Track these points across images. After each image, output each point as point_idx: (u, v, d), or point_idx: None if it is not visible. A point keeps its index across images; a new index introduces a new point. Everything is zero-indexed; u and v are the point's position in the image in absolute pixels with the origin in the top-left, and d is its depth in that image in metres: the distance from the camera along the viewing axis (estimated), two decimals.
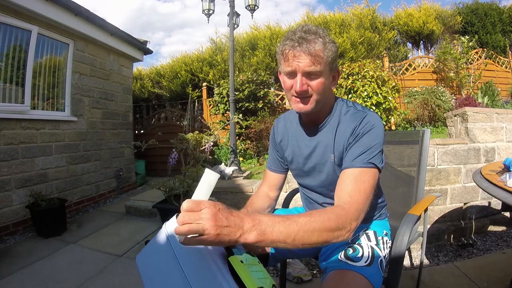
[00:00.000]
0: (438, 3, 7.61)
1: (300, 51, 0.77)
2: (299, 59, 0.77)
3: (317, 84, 0.80)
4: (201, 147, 2.72)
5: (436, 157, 2.09)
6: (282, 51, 0.80)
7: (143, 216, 2.98)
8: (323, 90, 0.82)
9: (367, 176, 0.77)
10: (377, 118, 0.84)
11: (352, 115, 0.86)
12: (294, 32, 0.79)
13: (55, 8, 3.03)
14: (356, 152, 0.80)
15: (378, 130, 0.82)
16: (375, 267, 0.79)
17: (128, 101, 4.54)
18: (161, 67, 8.31)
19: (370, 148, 0.80)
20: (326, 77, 0.81)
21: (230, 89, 3.32)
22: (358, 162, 0.78)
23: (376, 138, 0.81)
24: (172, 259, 0.65)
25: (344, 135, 0.85)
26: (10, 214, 2.65)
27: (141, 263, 0.74)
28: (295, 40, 0.77)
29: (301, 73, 0.78)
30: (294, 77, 0.80)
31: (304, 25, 0.82)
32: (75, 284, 1.76)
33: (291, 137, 1.00)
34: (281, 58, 0.82)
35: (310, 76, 0.79)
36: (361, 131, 0.82)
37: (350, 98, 3.82)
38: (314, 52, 0.76)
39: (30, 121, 2.89)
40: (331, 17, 7.16)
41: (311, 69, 0.78)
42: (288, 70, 0.80)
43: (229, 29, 3.38)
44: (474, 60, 5.96)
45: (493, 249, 1.97)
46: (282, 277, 1.28)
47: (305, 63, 0.77)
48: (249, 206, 0.96)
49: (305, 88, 0.80)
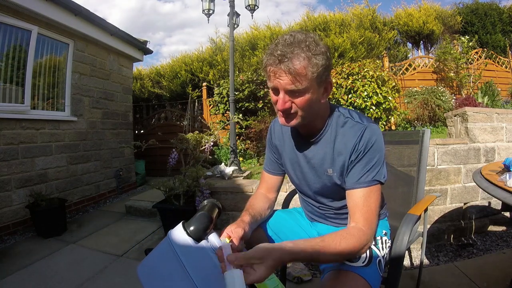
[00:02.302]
0: (438, 3, 7.62)
1: (279, 69, 0.72)
2: (280, 77, 0.73)
3: (301, 101, 0.76)
4: (201, 147, 2.72)
5: (436, 157, 2.09)
6: (265, 67, 0.77)
7: (143, 216, 2.98)
8: (308, 106, 0.78)
9: (374, 193, 0.80)
10: (376, 130, 0.83)
11: (351, 129, 0.83)
12: (276, 46, 0.74)
13: (55, 8, 3.03)
14: (360, 172, 0.80)
15: (379, 144, 0.82)
16: (373, 267, 0.79)
17: (128, 101, 4.54)
18: (161, 67, 8.31)
19: (374, 165, 0.80)
20: (314, 92, 0.76)
21: (230, 89, 3.32)
22: (364, 182, 0.80)
23: (378, 152, 0.81)
24: (179, 267, 0.64)
25: (344, 150, 0.83)
26: (10, 214, 2.64)
27: (143, 273, 0.72)
28: (276, 57, 0.72)
29: (283, 91, 0.75)
30: (277, 94, 0.78)
31: (290, 34, 0.75)
32: (75, 284, 1.76)
33: (287, 145, 0.98)
34: (265, 72, 0.79)
35: (293, 94, 0.76)
36: (362, 148, 0.80)
37: (350, 98, 3.82)
38: (294, 71, 0.71)
39: (30, 121, 2.89)
40: (331, 17, 7.16)
41: (292, 88, 0.74)
42: (271, 86, 0.78)
43: (229, 29, 3.38)
44: (474, 60, 5.95)
45: (493, 249, 1.97)
46: (282, 277, 1.29)
47: (286, 82, 0.73)
48: (250, 209, 0.95)
49: (288, 106, 0.77)
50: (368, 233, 0.77)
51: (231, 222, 0.83)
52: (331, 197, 0.94)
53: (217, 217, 0.77)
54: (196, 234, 0.67)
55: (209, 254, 0.62)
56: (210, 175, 2.88)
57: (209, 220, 0.70)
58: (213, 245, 0.63)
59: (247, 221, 0.84)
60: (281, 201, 1.30)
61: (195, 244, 0.65)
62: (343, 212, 0.94)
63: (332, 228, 0.99)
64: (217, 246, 0.62)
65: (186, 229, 0.68)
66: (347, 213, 0.93)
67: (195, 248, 0.65)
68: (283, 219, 1.06)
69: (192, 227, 0.68)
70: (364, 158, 0.80)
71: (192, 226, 0.68)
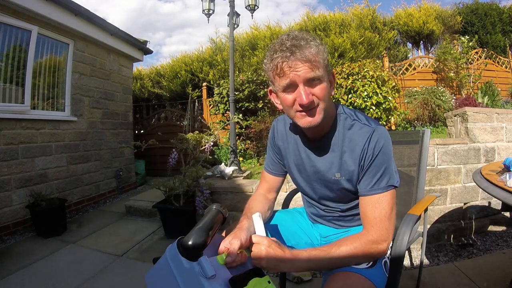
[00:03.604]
0: (438, 3, 7.62)
1: (295, 60, 0.71)
2: (297, 68, 0.71)
3: (321, 90, 0.75)
4: (201, 147, 2.72)
5: (436, 157, 2.09)
6: (275, 66, 0.74)
7: (143, 216, 2.98)
8: (328, 96, 0.77)
9: (388, 198, 0.79)
10: (384, 133, 0.80)
11: (359, 131, 0.81)
12: (281, 43, 0.73)
13: (55, 8, 3.03)
14: (373, 178, 0.79)
15: (388, 147, 0.80)
16: (378, 268, 0.78)
17: (128, 101, 4.55)
18: (161, 67, 8.31)
19: (386, 170, 0.79)
20: (327, 81, 0.77)
21: (230, 89, 3.32)
22: (378, 188, 0.79)
23: (388, 155, 0.80)
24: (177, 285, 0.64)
25: (353, 155, 0.82)
26: (10, 214, 2.64)
27: (150, 281, 0.71)
28: (287, 50, 0.71)
29: (303, 82, 0.73)
30: (293, 91, 0.75)
31: (289, 32, 0.76)
32: (75, 284, 1.76)
33: (292, 147, 0.95)
34: (273, 74, 0.76)
35: (312, 84, 0.74)
36: (371, 152, 0.79)
37: (350, 98, 3.82)
38: (312, 57, 0.71)
39: (30, 121, 2.89)
40: (331, 17, 7.16)
41: (312, 75, 0.72)
42: (285, 84, 0.74)
43: (229, 29, 3.38)
44: (474, 60, 5.95)
45: (493, 249, 1.97)
46: (282, 277, 1.28)
47: (305, 71, 0.72)
48: (249, 213, 0.91)
49: (311, 98, 0.74)
50: (385, 245, 0.77)
51: (231, 222, 0.83)
52: (338, 201, 0.92)
53: (221, 224, 0.75)
54: (190, 254, 0.65)
55: (199, 279, 0.61)
56: (210, 175, 2.88)
57: (206, 235, 0.67)
58: (203, 270, 0.62)
59: (245, 227, 0.81)
60: (281, 201, 1.30)
61: (187, 264, 0.63)
62: (348, 214, 0.93)
63: (334, 230, 0.98)
64: (207, 271, 0.61)
65: (180, 248, 0.66)
66: (352, 215, 0.93)
67: (187, 270, 0.63)
68: (284, 220, 1.05)
69: (186, 246, 0.65)
70: (376, 162, 0.79)
71: (186, 245, 0.65)
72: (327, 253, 0.73)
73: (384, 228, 0.77)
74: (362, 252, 0.74)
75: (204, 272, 0.61)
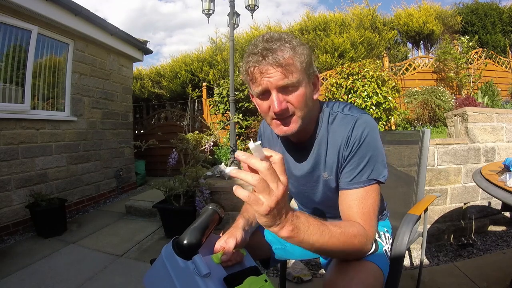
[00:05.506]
0: (438, 3, 7.63)
1: (266, 64, 0.65)
2: (268, 74, 0.65)
3: (297, 97, 0.68)
4: (201, 147, 2.71)
5: (436, 157, 2.09)
6: (247, 71, 0.69)
7: (143, 216, 2.98)
8: (305, 103, 0.70)
9: (371, 193, 0.71)
10: (370, 121, 0.74)
11: (341, 122, 0.76)
12: (255, 45, 0.67)
13: (55, 8, 3.03)
14: (355, 169, 0.72)
15: (373, 136, 0.72)
16: (380, 253, 0.77)
17: (128, 101, 4.55)
18: (161, 67, 8.32)
19: (369, 161, 0.71)
20: (306, 86, 0.69)
21: (230, 89, 3.32)
22: (359, 182, 0.71)
23: (372, 146, 0.72)
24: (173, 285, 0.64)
25: (335, 147, 0.75)
26: (10, 214, 2.64)
27: (149, 283, 0.71)
28: (259, 54, 0.65)
29: (275, 89, 0.67)
30: (268, 97, 0.69)
31: (265, 34, 0.69)
32: (75, 284, 1.76)
33: (278, 152, 0.93)
34: (247, 79, 0.70)
35: (286, 91, 0.67)
36: (355, 141, 0.72)
37: (350, 98, 3.82)
38: (284, 61, 0.64)
39: (30, 121, 2.89)
40: (331, 17, 7.16)
41: (285, 82, 0.66)
42: (259, 91, 0.68)
43: (229, 29, 3.38)
44: (474, 60, 5.95)
45: (493, 249, 1.97)
46: (282, 277, 1.28)
47: (277, 77, 0.65)
48: (245, 212, 0.88)
49: (285, 106, 0.68)
50: (370, 238, 0.69)
51: (231, 222, 0.82)
52: (331, 205, 0.84)
53: (217, 224, 0.75)
54: (185, 253, 0.65)
55: (194, 277, 0.61)
56: (210, 175, 2.88)
57: (201, 234, 0.67)
58: (197, 268, 0.62)
59: (240, 226, 0.79)
60: None
61: (183, 263, 0.63)
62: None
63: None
64: (201, 270, 0.61)
65: (175, 247, 0.67)
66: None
67: (182, 269, 0.63)
68: None
69: (181, 245, 0.66)
70: (359, 152, 0.71)
71: (181, 245, 0.66)
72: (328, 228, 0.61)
73: (371, 226, 0.69)
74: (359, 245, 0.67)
75: (198, 271, 0.61)
